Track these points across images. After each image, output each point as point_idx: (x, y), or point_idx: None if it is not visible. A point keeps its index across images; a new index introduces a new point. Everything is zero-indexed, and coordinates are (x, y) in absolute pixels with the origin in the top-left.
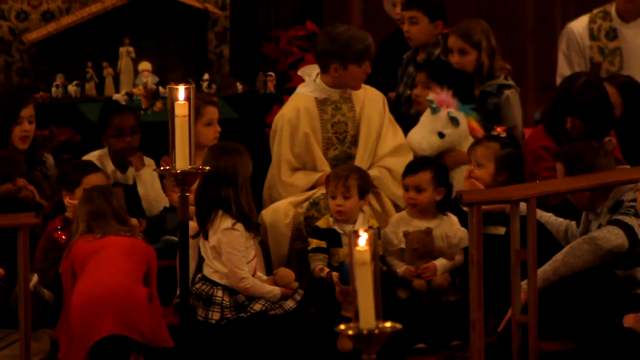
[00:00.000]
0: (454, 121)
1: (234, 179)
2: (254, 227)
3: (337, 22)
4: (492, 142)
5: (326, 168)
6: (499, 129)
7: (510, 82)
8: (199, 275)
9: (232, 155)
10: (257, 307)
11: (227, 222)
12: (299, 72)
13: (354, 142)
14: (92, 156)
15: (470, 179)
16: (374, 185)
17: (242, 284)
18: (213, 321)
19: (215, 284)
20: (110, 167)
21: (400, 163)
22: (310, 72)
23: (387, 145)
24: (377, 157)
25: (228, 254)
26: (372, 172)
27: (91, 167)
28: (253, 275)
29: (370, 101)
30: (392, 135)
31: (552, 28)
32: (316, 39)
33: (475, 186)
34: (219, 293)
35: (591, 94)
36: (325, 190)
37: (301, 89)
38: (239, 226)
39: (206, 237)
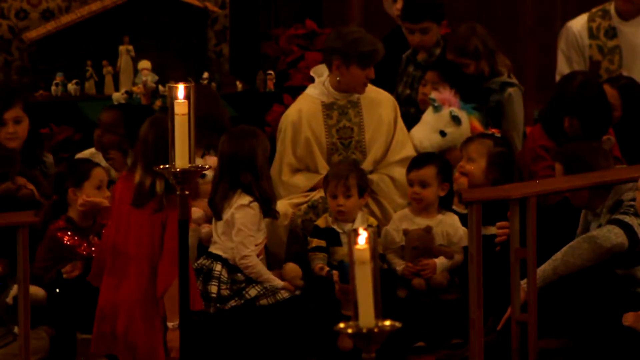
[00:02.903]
0: (456, 120)
1: (252, 163)
2: (272, 212)
3: (353, 25)
4: (486, 139)
5: (326, 171)
6: (493, 130)
7: (514, 80)
8: (203, 256)
9: (249, 139)
10: (253, 292)
11: (245, 199)
12: (311, 72)
13: (359, 147)
14: (85, 155)
15: (460, 175)
16: (372, 191)
17: (244, 261)
18: (213, 295)
19: (215, 258)
20: (104, 164)
21: (404, 174)
22: (322, 72)
23: (396, 155)
24: (383, 163)
25: (238, 229)
26: (372, 177)
27: (93, 162)
28: (259, 257)
29: (379, 106)
30: (402, 145)
31: (553, 26)
32: (327, 36)
33: (463, 184)
34: (218, 267)
35: (588, 93)
36: (324, 189)
37: (309, 91)
38: (255, 205)
39: (219, 218)
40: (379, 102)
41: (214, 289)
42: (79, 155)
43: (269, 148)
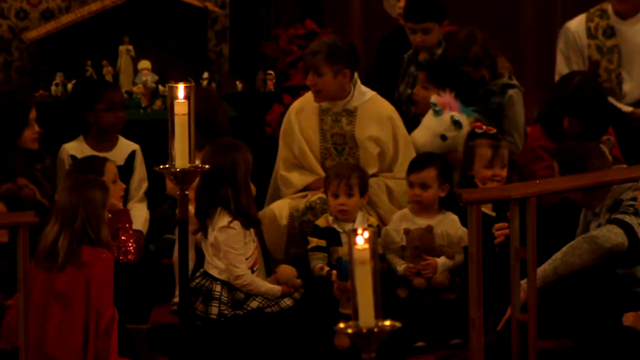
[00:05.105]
0: (456, 124)
1: (232, 177)
2: (253, 222)
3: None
4: (502, 141)
5: (321, 172)
6: (484, 127)
7: (515, 81)
8: (201, 270)
9: (230, 152)
10: (254, 304)
11: (224, 220)
12: None
13: (352, 155)
14: (71, 146)
15: (495, 182)
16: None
17: (239, 281)
18: (214, 316)
19: (214, 279)
20: (89, 152)
21: (402, 184)
22: None
23: (402, 171)
24: (387, 173)
25: (225, 252)
26: (370, 181)
27: (102, 158)
28: (254, 268)
29: (373, 121)
30: (405, 161)
31: (552, 26)
32: None
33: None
34: (218, 288)
35: (586, 93)
36: (324, 190)
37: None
38: (236, 224)
39: (206, 235)
40: (376, 118)
41: (214, 310)
42: (67, 147)
43: (251, 161)
